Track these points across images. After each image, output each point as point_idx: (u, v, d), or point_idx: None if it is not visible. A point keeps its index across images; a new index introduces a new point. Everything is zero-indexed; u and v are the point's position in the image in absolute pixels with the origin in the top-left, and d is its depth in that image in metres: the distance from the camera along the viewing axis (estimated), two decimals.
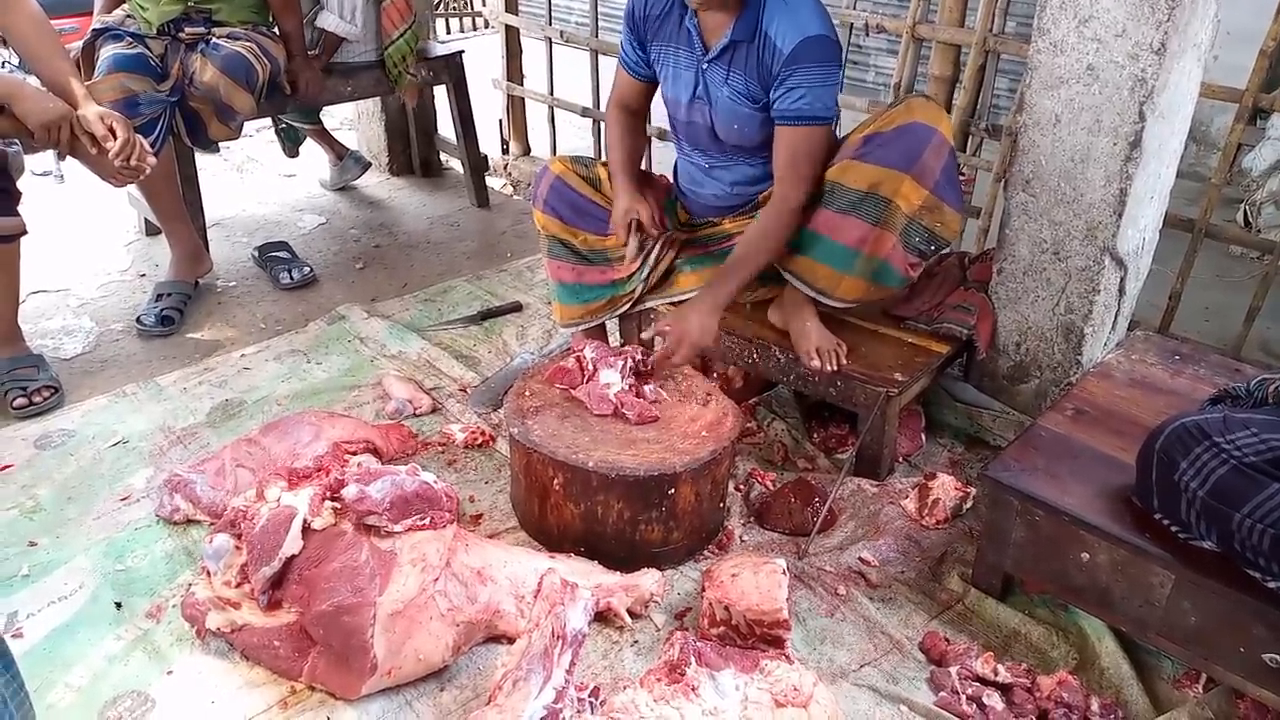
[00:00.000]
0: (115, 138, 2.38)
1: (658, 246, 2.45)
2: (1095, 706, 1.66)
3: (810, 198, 2.19)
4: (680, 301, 2.49)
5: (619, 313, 2.55)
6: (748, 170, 2.34)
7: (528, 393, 2.16)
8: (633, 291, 2.48)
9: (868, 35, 3.33)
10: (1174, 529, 1.66)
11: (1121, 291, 2.32)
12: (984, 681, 1.71)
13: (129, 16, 3.03)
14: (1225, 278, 3.66)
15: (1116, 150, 2.11)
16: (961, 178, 3.28)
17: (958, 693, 1.69)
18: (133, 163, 2.42)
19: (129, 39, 2.91)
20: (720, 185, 2.39)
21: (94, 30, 2.99)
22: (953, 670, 1.73)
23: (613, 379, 2.14)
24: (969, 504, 2.18)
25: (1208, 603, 1.62)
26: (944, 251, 2.65)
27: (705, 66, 2.21)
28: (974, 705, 1.67)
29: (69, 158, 2.48)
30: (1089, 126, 2.13)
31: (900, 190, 2.11)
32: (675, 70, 2.28)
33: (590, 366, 2.17)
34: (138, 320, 2.97)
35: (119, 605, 1.90)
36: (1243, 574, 1.57)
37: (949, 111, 3.20)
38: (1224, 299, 3.41)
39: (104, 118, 2.38)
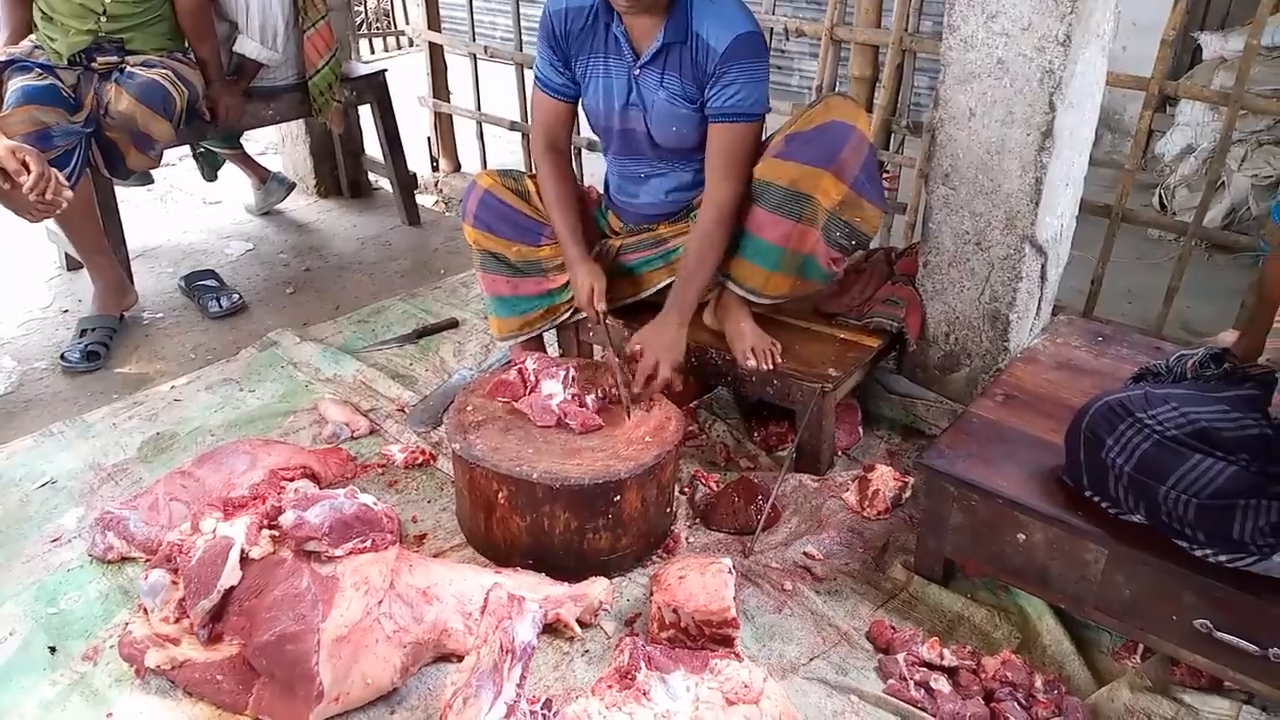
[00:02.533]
0: (28, 172, 2.32)
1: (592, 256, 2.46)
2: (1039, 683, 1.70)
3: (741, 195, 2.21)
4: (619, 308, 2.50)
5: (557, 323, 2.55)
6: (683, 176, 2.36)
7: (469, 408, 2.15)
8: (570, 300, 2.48)
9: (788, 39, 3.39)
10: (1104, 505, 1.71)
11: (1043, 278, 2.38)
12: (931, 666, 1.74)
13: (37, 47, 2.96)
14: (1145, 260, 3.78)
15: (1030, 141, 2.17)
16: (886, 175, 3.35)
17: (906, 679, 1.72)
18: (48, 197, 2.36)
19: (38, 70, 2.84)
20: (656, 193, 2.40)
21: (0, 62, 2.91)
22: (900, 657, 1.76)
23: (555, 390, 2.14)
24: (908, 493, 2.22)
25: (1140, 574, 1.67)
26: (872, 249, 2.70)
27: (638, 72, 2.22)
28: (922, 690, 1.70)
29: None
30: (1002, 119, 2.19)
31: (820, 186, 2.15)
32: (604, 80, 2.27)
33: (532, 378, 2.17)
34: (62, 357, 2.89)
35: (53, 650, 1.84)
36: (1171, 544, 1.62)
37: (870, 111, 3.26)
38: (1145, 280, 3.51)
39: (15, 152, 2.32)
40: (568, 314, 2.52)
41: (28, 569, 2.06)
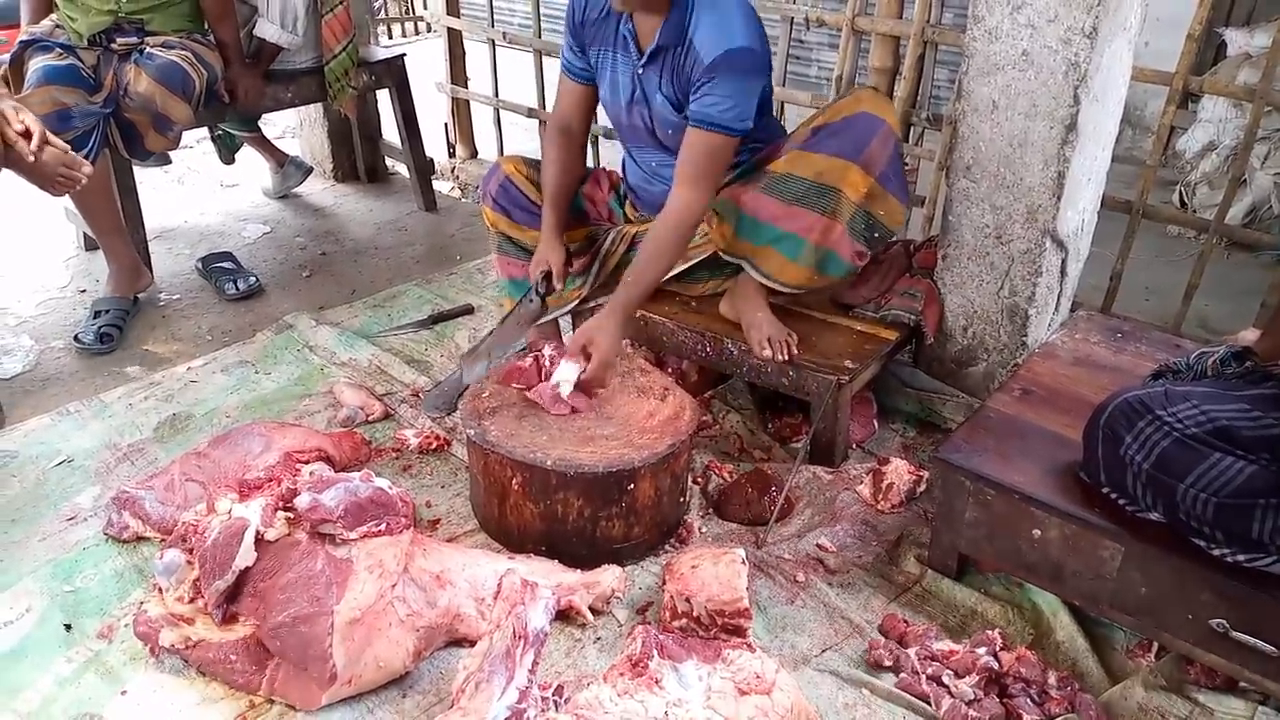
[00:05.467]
0: (27, 140, 2.30)
1: (608, 242, 2.45)
2: (1052, 680, 1.69)
3: (705, 207, 2.14)
4: None
5: (571, 309, 2.54)
6: None
7: (484, 393, 2.15)
8: (582, 288, 2.48)
9: (808, 29, 3.36)
10: (1121, 502, 1.70)
11: (1063, 273, 2.36)
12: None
13: (58, 27, 2.96)
14: (1164, 257, 3.75)
15: (1053, 134, 2.15)
16: (905, 167, 3.32)
17: (918, 673, 1.71)
18: (56, 162, 2.35)
19: (59, 50, 2.84)
20: (668, 181, 2.38)
21: (22, 41, 2.92)
22: (912, 651, 1.75)
23: (570, 376, 2.13)
24: (923, 487, 2.21)
25: (1156, 573, 1.65)
26: (890, 241, 2.68)
27: (641, 71, 2.20)
28: (934, 685, 1.69)
29: (3, 170, 2.40)
30: (1026, 111, 2.17)
31: (847, 178, 2.13)
32: (614, 74, 2.26)
33: (548, 365, 2.17)
34: (76, 339, 2.90)
35: (68, 627, 1.85)
36: (1189, 543, 1.61)
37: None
38: (1163, 278, 3.49)
39: (18, 110, 2.31)
40: (579, 300, 2.51)
41: (44, 546, 2.07)
